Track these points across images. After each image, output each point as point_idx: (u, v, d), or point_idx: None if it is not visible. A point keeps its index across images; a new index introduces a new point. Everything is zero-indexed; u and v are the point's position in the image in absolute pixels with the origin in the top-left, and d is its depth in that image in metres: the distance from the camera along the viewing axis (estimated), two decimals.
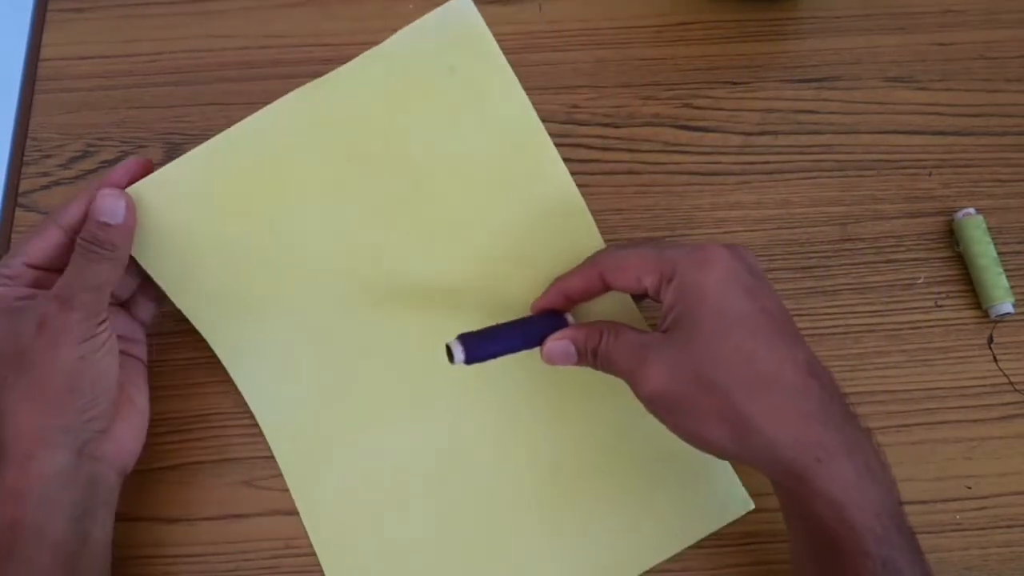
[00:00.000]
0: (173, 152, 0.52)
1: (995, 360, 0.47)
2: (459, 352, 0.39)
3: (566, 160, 0.51)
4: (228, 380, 0.46)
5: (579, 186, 0.50)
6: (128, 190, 0.40)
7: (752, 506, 0.43)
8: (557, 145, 0.51)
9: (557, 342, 0.40)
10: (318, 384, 0.45)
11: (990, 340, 0.48)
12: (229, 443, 0.45)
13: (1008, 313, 0.47)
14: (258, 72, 0.54)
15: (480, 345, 0.40)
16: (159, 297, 0.44)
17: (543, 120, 0.52)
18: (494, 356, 0.40)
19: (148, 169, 0.41)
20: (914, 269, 0.49)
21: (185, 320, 0.44)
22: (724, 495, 0.44)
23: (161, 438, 0.45)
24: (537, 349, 0.41)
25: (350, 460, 0.44)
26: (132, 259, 0.41)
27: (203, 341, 0.45)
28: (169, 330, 0.47)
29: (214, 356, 0.46)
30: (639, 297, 0.44)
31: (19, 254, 0.39)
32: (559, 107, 0.53)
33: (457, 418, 0.45)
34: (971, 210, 0.49)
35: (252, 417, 0.46)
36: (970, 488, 0.45)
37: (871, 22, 0.55)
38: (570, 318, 0.42)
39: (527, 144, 0.43)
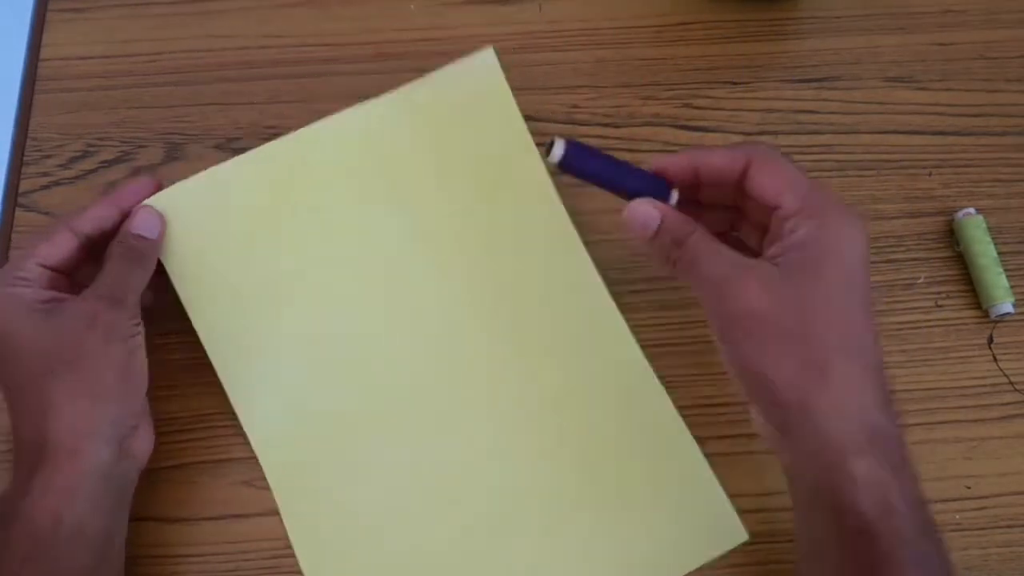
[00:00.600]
0: (173, 152, 0.52)
1: (995, 360, 0.47)
2: (560, 148, 0.37)
3: None
4: None
5: (580, 186, 0.50)
6: (158, 196, 0.43)
7: (745, 537, 0.42)
8: None
9: (648, 206, 0.37)
10: (313, 399, 0.45)
11: (990, 340, 0.48)
12: (229, 443, 0.45)
13: (1008, 313, 0.47)
14: (258, 72, 0.54)
15: (581, 154, 0.38)
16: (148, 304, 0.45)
17: (543, 120, 0.53)
18: (586, 175, 0.39)
19: (151, 191, 0.43)
20: (914, 269, 0.49)
21: (185, 320, 0.44)
22: (716, 524, 0.42)
23: (161, 438, 0.45)
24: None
25: (342, 479, 0.44)
26: None
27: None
28: (169, 330, 0.47)
29: None
30: (731, 225, 0.41)
31: (31, 256, 0.40)
32: (559, 107, 0.53)
33: (450, 445, 0.44)
34: (971, 210, 0.49)
35: None
36: (970, 488, 0.45)
37: (871, 22, 0.55)
38: (675, 196, 0.39)
39: (530, 188, 0.46)
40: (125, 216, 0.42)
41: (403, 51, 0.55)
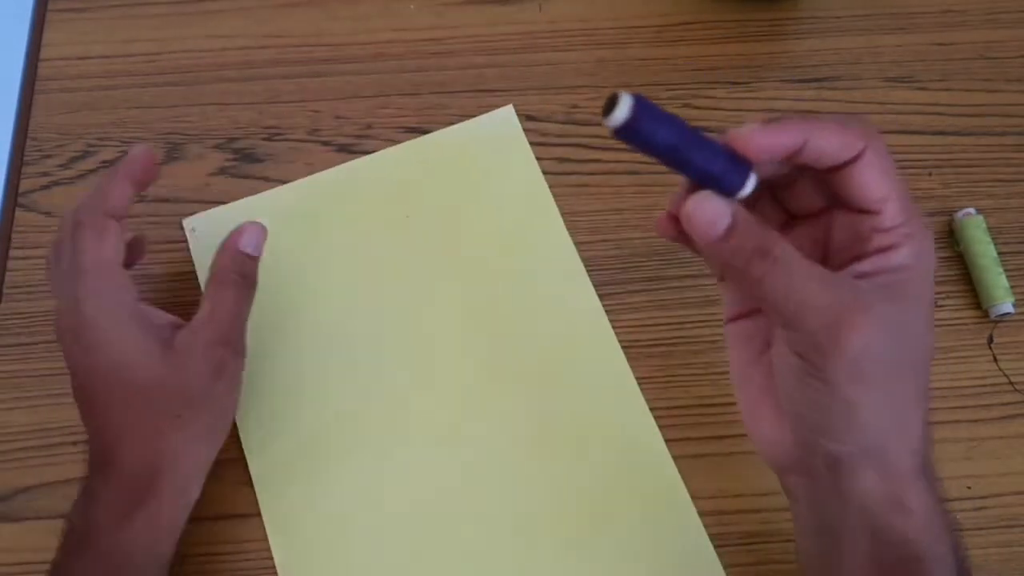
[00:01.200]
0: (173, 152, 0.52)
1: (995, 360, 0.47)
2: (626, 106, 0.27)
3: (566, 160, 0.52)
4: None
5: (579, 186, 0.51)
6: (205, 215, 0.49)
7: None
8: (557, 145, 0.52)
9: (716, 202, 0.29)
10: (311, 405, 0.45)
11: (990, 340, 0.48)
12: (229, 443, 0.45)
13: (1008, 313, 0.47)
14: (258, 72, 0.54)
15: (651, 115, 0.27)
16: None
17: (543, 120, 0.53)
18: (649, 146, 0.28)
19: (153, 160, 0.41)
20: None
21: (185, 320, 0.44)
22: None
23: None
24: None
25: (328, 487, 0.44)
26: None
27: None
28: None
29: None
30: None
31: (104, 256, 0.38)
32: (559, 107, 0.53)
33: (441, 468, 0.44)
34: (971, 210, 0.49)
35: None
36: (970, 488, 0.45)
37: (871, 22, 0.55)
38: (752, 183, 0.30)
39: (543, 226, 0.49)
40: (139, 188, 0.40)
41: (403, 51, 0.55)
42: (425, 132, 0.52)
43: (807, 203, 0.33)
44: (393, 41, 0.55)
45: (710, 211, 0.29)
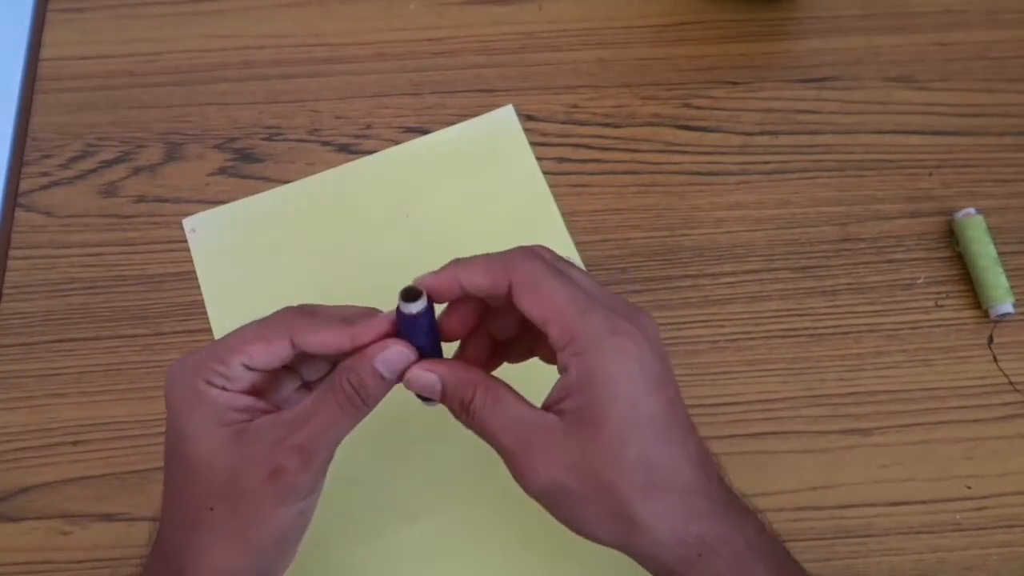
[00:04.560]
0: (173, 152, 0.52)
1: (995, 360, 0.47)
2: (423, 301, 0.33)
3: (566, 160, 0.52)
4: None
5: (579, 186, 0.51)
6: (201, 216, 0.49)
7: None
8: (557, 145, 0.52)
9: (424, 371, 0.33)
10: None
11: (990, 340, 0.48)
12: None
13: (1008, 313, 0.47)
14: (258, 72, 0.54)
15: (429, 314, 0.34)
16: None
17: (543, 120, 0.53)
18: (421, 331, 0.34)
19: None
20: (914, 269, 0.49)
21: (185, 320, 0.44)
22: None
23: (161, 438, 0.45)
24: None
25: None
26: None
27: (202, 342, 0.45)
28: (169, 330, 0.47)
29: None
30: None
31: (238, 351, 0.33)
32: (559, 107, 0.53)
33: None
34: (971, 210, 0.49)
35: None
36: (970, 488, 0.45)
37: (871, 22, 0.55)
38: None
39: (543, 226, 0.50)
40: (355, 350, 0.34)
41: (403, 51, 0.55)
42: (425, 132, 0.52)
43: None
44: (393, 41, 0.55)
45: (421, 382, 0.34)
